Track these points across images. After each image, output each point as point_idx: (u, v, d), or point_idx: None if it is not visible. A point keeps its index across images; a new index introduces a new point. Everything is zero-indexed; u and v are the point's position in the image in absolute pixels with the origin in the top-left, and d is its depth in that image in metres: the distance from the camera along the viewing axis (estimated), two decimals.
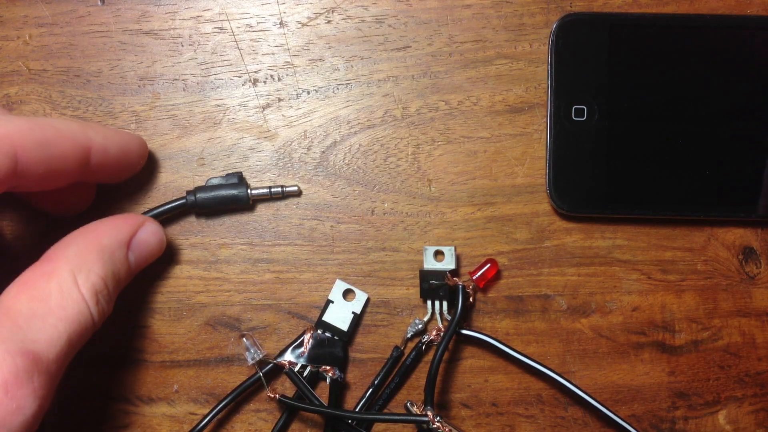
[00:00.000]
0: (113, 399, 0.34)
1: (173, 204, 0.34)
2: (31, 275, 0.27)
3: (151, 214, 0.34)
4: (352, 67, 0.35)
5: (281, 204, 0.35)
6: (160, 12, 0.35)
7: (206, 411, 0.34)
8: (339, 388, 0.34)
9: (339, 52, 0.35)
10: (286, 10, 0.35)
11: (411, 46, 0.35)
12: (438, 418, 0.31)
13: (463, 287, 0.33)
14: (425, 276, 0.34)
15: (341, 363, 0.34)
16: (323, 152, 0.35)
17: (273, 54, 0.35)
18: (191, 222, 0.35)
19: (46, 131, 0.27)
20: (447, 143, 0.35)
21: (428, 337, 0.34)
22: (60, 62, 0.35)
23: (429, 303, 0.34)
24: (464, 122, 0.35)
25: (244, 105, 0.35)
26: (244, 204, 0.34)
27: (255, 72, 0.35)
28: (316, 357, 0.34)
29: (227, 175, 0.34)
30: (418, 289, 0.35)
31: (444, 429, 0.31)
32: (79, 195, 0.33)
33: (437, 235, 0.35)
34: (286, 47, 0.35)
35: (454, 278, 0.34)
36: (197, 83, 0.35)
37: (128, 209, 0.35)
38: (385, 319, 0.35)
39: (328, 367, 0.34)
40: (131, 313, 0.35)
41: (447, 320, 0.34)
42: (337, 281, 0.35)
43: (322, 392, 0.34)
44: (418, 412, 0.32)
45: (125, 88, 0.35)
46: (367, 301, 0.35)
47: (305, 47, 0.35)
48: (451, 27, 0.35)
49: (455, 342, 0.35)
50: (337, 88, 0.35)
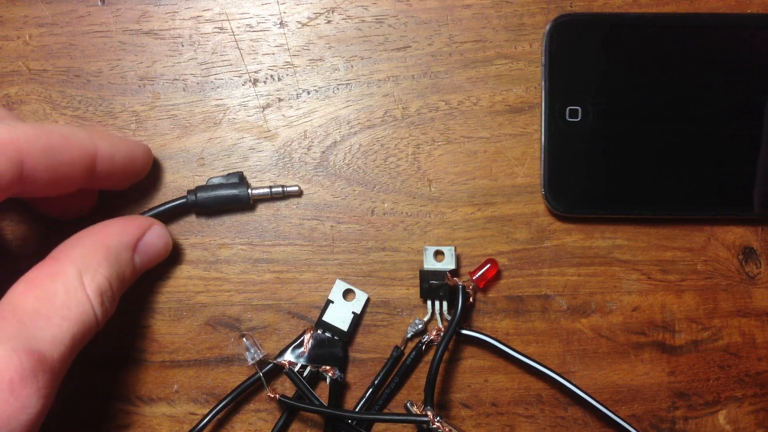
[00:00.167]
0: (113, 399, 0.34)
1: (174, 203, 0.34)
2: (37, 274, 0.27)
3: (151, 213, 0.34)
4: (352, 67, 0.35)
5: (281, 204, 0.35)
6: (160, 12, 0.35)
7: (206, 411, 0.34)
8: (339, 388, 0.34)
9: (339, 52, 0.35)
10: (286, 10, 0.35)
11: (411, 46, 0.35)
12: (438, 418, 0.31)
13: (463, 287, 0.33)
14: (425, 276, 0.34)
15: (341, 363, 0.34)
16: (323, 152, 0.35)
17: (273, 54, 0.35)
18: (191, 222, 0.35)
19: (52, 138, 0.27)
20: (447, 143, 0.35)
21: (428, 337, 0.34)
22: (60, 62, 0.35)
23: (429, 303, 0.34)
24: (464, 122, 0.35)
25: (244, 105, 0.35)
26: (245, 204, 0.34)
27: (255, 72, 0.35)
28: (316, 357, 0.34)
29: (228, 174, 0.34)
30: (418, 289, 0.35)
31: (444, 429, 0.31)
32: (82, 200, 0.33)
33: (437, 235, 0.35)
34: (286, 47, 0.35)
35: (454, 278, 0.34)
36: (197, 83, 0.35)
37: (128, 209, 0.35)
38: (385, 319, 0.35)
39: (328, 367, 0.34)
40: (131, 313, 0.35)
41: (447, 320, 0.34)
42: (337, 281, 0.35)
43: (322, 392, 0.34)
44: (418, 412, 0.32)
45: (125, 88, 0.35)
46: (367, 301, 0.35)
47: (305, 47, 0.35)
48: (451, 27, 0.35)
49: (455, 342, 0.35)
50: (337, 88, 0.35)
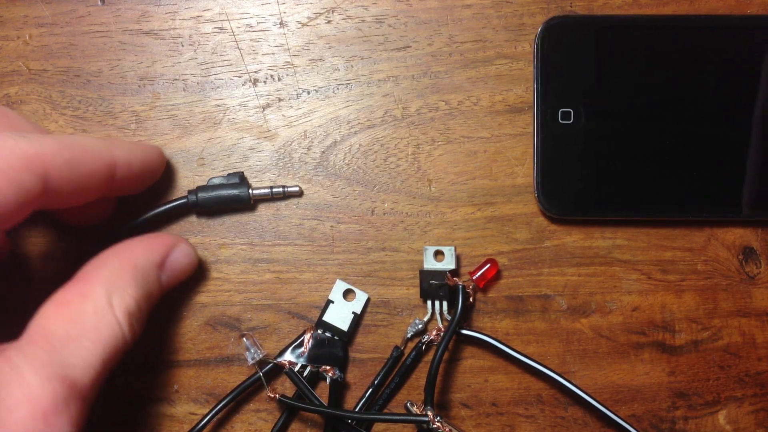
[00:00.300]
0: (113, 399, 0.34)
1: (175, 203, 0.34)
2: (66, 295, 0.27)
3: (152, 213, 0.34)
4: (352, 67, 0.35)
5: (281, 204, 0.35)
6: (160, 12, 0.35)
7: (206, 411, 0.34)
8: (339, 388, 0.34)
9: (339, 52, 0.35)
10: (286, 10, 0.35)
11: (411, 46, 0.35)
12: (438, 418, 0.31)
13: (463, 287, 0.33)
14: (425, 276, 0.34)
15: (341, 363, 0.34)
16: (323, 152, 0.35)
17: (273, 54, 0.35)
18: (191, 222, 0.35)
19: (74, 150, 0.27)
20: (447, 143, 0.35)
21: (428, 337, 0.34)
22: (60, 62, 0.35)
23: (429, 303, 0.34)
24: (464, 122, 0.35)
25: (244, 105, 0.35)
26: (245, 204, 0.34)
27: (255, 72, 0.35)
28: (316, 357, 0.34)
29: (228, 174, 0.34)
30: (418, 289, 0.35)
31: (444, 429, 0.31)
32: (100, 207, 0.33)
33: (437, 235, 0.35)
34: (286, 47, 0.35)
35: (454, 278, 0.34)
36: (197, 83, 0.35)
37: (129, 209, 0.35)
38: (385, 319, 0.35)
39: (328, 367, 0.34)
40: None
41: (447, 320, 0.34)
42: (337, 281, 0.35)
43: (322, 392, 0.34)
44: (418, 412, 0.32)
45: (125, 88, 0.35)
46: (367, 301, 0.35)
47: (305, 47, 0.35)
48: (451, 27, 0.35)
49: (455, 342, 0.35)
50: (337, 88, 0.35)
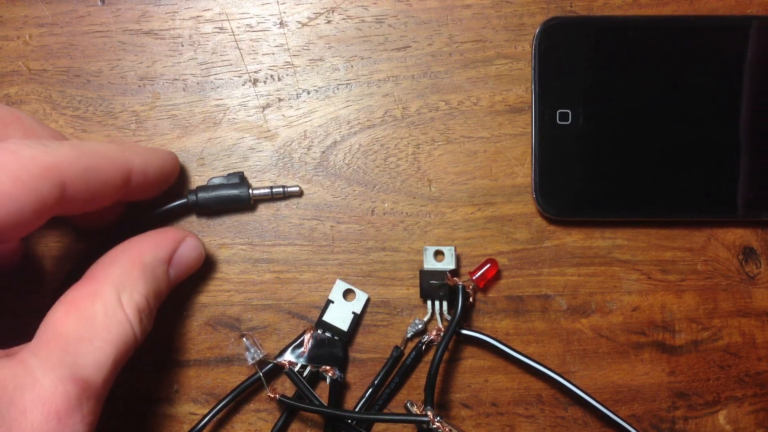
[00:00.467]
0: (113, 399, 0.34)
1: (175, 204, 0.34)
2: (76, 295, 0.27)
3: (153, 214, 0.34)
4: (352, 67, 0.35)
5: (281, 204, 0.35)
6: (160, 12, 0.35)
7: (206, 411, 0.34)
8: (339, 388, 0.34)
9: (339, 52, 0.35)
10: (286, 10, 0.35)
11: (411, 46, 0.35)
12: (438, 418, 0.31)
13: (463, 287, 0.33)
14: (425, 276, 0.34)
15: (341, 363, 0.34)
16: (323, 152, 0.35)
17: (273, 54, 0.35)
18: (191, 222, 0.35)
19: (91, 158, 0.27)
20: (447, 143, 0.35)
21: (428, 337, 0.34)
22: (60, 62, 0.35)
23: (429, 303, 0.34)
24: (464, 122, 0.35)
25: (244, 105, 0.35)
26: (246, 204, 0.34)
27: (255, 72, 0.35)
28: (316, 357, 0.34)
29: (229, 175, 0.34)
30: (418, 289, 0.35)
31: (444, 429, 0.31)
32: (111, 210, 0.33)
33: (437, 235, 0.35)
34: (286, 47, 0.35)
35: (454, 278, 0.34)
36: (197, 83, 0.35)
37: (130, 209, 0.35)
38: (385, 319, 0.35)
39: (328, 367, 0.34)
40: None
41: (447, 320, 0.34)
42: (337, 281, 0.35)
43: (322, 392, 0.34)
44: (418, 412, 0.32)
45: (125, 88, 0.35)
46: (367, 301, 0.35)
47: (305, 47, 0.35)
48: (451, 27, 0.35)
49: (455, 342, 0.35)
50: (337, 88, 0.35)
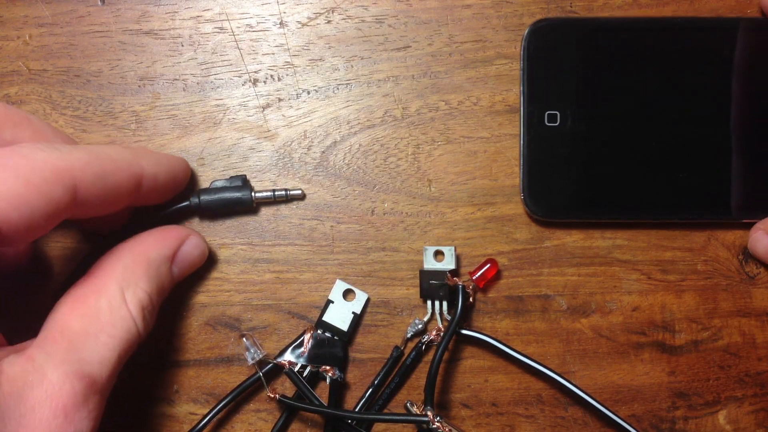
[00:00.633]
0: (113, 399, 0.34)
1: (178, 206, 0.34)
2: (81, 291, 0.28)
3: (155, 217, 0.34)
4: (352, 67, 0.35)
5: (281, 204, 0.35)
6: (160, 12, 0.35)
7: (206, 411, 0.34)
8: (339, 388, 0.34)
9: (339, 52, 0.35)
10: (286, 10, 0.35)
11: (411, 46, 0.35)
12: (438, 418, 0.31)
13: (463, 287, 0.33)
14: (425, 276, 0.34)
15: (341, 363, 0.34)
16: (323, 152, 0.35)
17: (273, 54, 0.35)
18: (192, 222, 0.35)
19: (103, 163, 0.27)
20: (447, 143, 0.35)
21: (428, 337, 0.34)
22: (60, 62, 0.35)
23: (429, 303, 0.34)
24: (464, 122, 0.35)
25: (244, 105, 0.35)
26: (248, 207, 0.34)
27: (255, 72, 0.35)
28: (316, 357, 0.34)
29: (231, 177, 0.34)
30: (418, 289, 0.35)
31: (444, 429, 0.31)
32: (120, 214, 0.33)
33: (437, 235, 0.35)
34: (286, 47, 0.35)
35: (454, 278, 0.34)
36: (197, 83, 0.35)
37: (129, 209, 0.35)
38: (385, 319, 0.35)
39: (328, 367, 0.34)
40: None
41: (447, 320, 0.34)
42: (337, 281, 0.35)
43: (322, 392, 0.34)
44: (418, 412, 0.32)
45: (125, 88, 0.35)
46: (367, 301, 0.35)
47: (305, 47, 0.35)
48: (451, 27, 0.35)
49: (455, 342, 0.35)
50: (337, 88, 0.35)
